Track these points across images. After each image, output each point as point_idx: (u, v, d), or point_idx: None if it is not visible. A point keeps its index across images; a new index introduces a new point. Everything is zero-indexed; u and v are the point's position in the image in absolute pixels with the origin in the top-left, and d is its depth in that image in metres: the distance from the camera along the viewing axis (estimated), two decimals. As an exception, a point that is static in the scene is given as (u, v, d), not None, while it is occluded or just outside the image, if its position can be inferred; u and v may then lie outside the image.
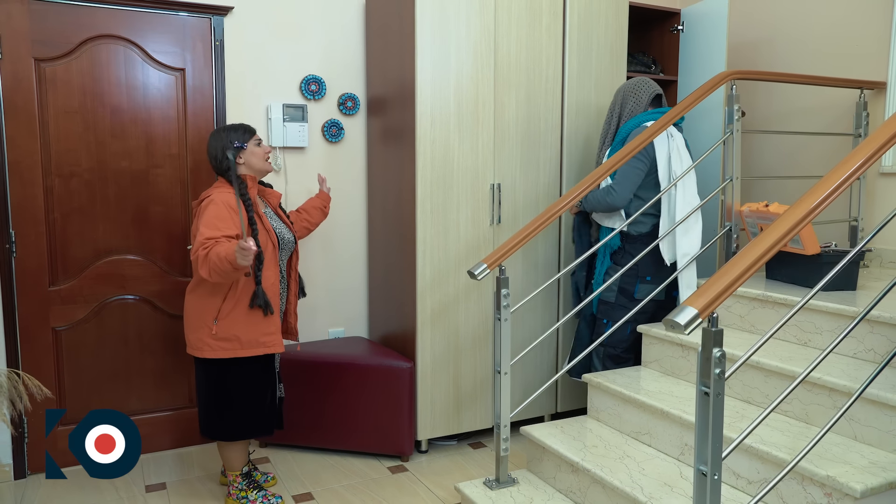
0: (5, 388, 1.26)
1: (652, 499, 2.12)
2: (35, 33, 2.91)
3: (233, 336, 2.54)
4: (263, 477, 2.94)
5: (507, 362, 2.54)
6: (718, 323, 1.65)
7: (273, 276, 2.62)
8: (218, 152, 2.63)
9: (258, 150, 2.68)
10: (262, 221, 2.61)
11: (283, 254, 2.74)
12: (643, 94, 3.06)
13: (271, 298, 2.60)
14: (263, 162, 2.69)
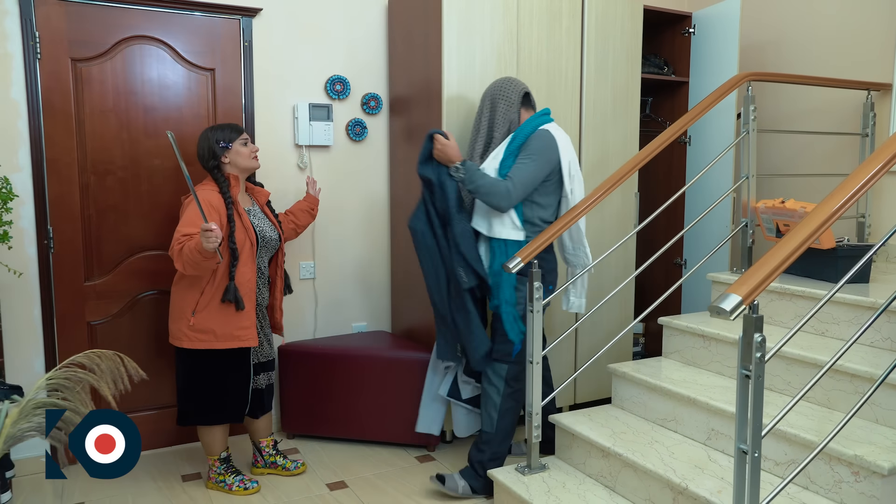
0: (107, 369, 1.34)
1: (686, 479, 2.23)
2: (72, 34, 2.98)
3: (209, 329, 2.68)
4: (294, 464, 3.03)
5: (538, 352, 2.64)
6: (758, 310, 1.76)
7: (249, 272, 2.73)
8: (205, 151, 2.77)
9: (244, 149, 2.80)
10: (241, 219, 2.72)
11: (264, 251, 2.86)
12: (513, 95, 2.84)
13: (246, 294, 2.71)
14: (249, 160, 2.82)
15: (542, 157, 2.73)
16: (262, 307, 2.92)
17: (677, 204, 4.00)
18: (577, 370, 3.54)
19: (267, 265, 2.92)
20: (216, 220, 2.63)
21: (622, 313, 3.72)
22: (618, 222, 3.67)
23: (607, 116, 3.59)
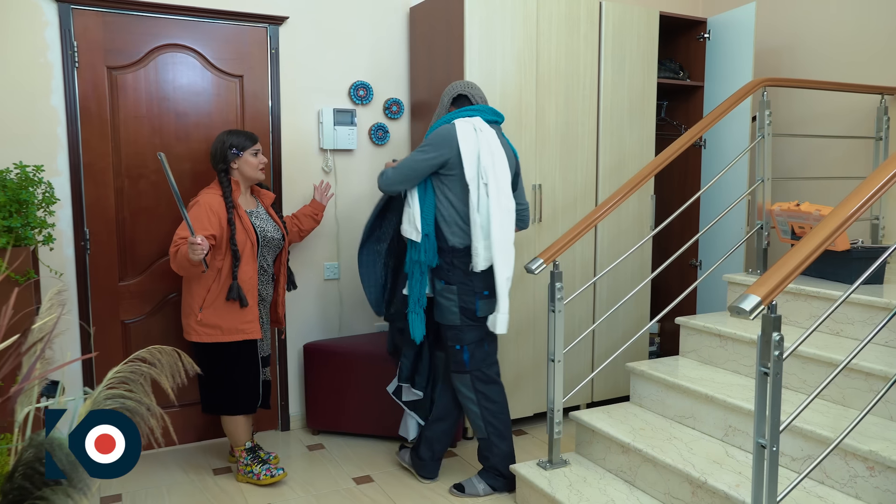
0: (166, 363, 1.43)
1: (704, 474, 2.31)
2: (108, 43, 3.08)
3: (215, 324, 2.84)
4: (267, 454, 3.10)
5: (560, 350, 2.73)
6: (776, 310, 1.84)
7: (250, 270, 2.87)
8: (217, 153, 2.91)
9: (253, 160, 2.93)
10: (242, 221, 2.86)
11: (267, 251, 2.98)
12: (446, 97, 2.82)
13: (248, 291, 2.86)
14: (255, 171, 2.94)
15: (432, 147, 2.66)
16: (266, 303, 3.05)
17: (692, 206, 4.07)
18: (594, 369, 3.62)
19: (271, 263, 3.05)
20: (216, 223, 2.78)
21: (638, 313, 3.80)
22: (634, 224, 3.74)
23: (624, 121, 3.67)
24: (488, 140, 2.66)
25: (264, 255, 2.98)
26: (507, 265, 2.66)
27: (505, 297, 2.66)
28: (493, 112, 2.79)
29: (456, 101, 2.82)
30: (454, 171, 2.67)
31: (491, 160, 2.64)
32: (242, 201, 2.95)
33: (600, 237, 3.66)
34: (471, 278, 2.71)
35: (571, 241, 2.74)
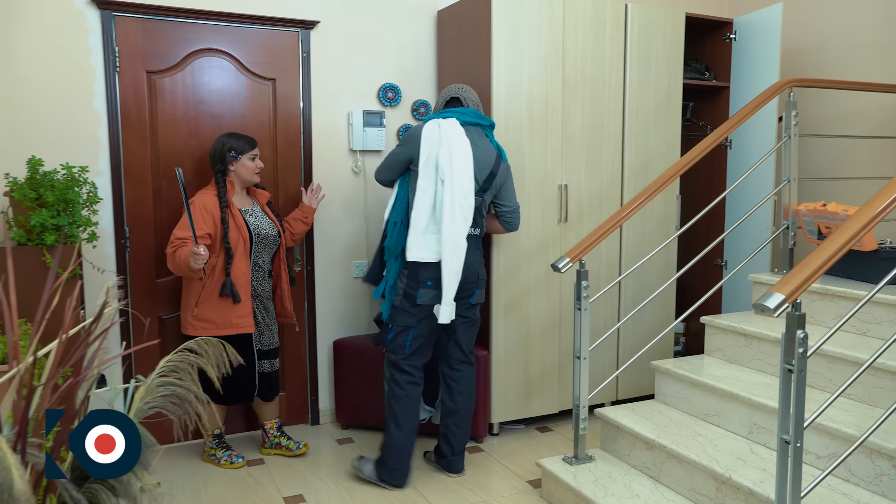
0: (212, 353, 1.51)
1: (729, 470, 2.34)
2: (148, 48, 3.20)
3: (209, 318, 2.97)
4: (297, 445, 3.27)
5: (586, 348, 2.77)
6: (801, 308, 1.87)
7: (243, 266, 3.00)
8: (216, 154, 3.03)
9: (250, 164, 3.06)
10: (235, 219, 2.98)
11: (261, 248, 3.10)
12: (440, 100, 3.01)
13: (241, 287, 2.98)
14: (251, 175, 3.08)
15: (403, 144, 2.90)
16: (263, 298, 3.15)
17: (718, 206, 4.07)
18: (619, 368, 3.65)
19: (267, 260, 3.16)
20: (210, 222, 2.92)
21: (663, 313, 3.83)
22: (659, 224, 3.77)
23: (649, 121, 3.70)
24: (450, 138, 2.77)
25: (259, 252, 3.09)
26: (455, 259, 2.77)
27: (449, 289, 2.77)
28: (476, 115, 2.91)
29: (449, 103, 2.98)
30: (414, 166, 2.86)
31: (448, 157, 2.76)
32: (238, 201, 3.07)
33: (625, 238, 3.69)
34: (420, 267, 2.83)
35: (597, 240, 2.79)
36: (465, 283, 2.87)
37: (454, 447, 3.04)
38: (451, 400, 3.01)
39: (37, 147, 3.00)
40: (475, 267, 2.90)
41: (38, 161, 2.61)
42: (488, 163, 2.88)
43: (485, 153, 2.88)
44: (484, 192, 2.90)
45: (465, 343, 3.00)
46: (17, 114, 2.99)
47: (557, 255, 3.49)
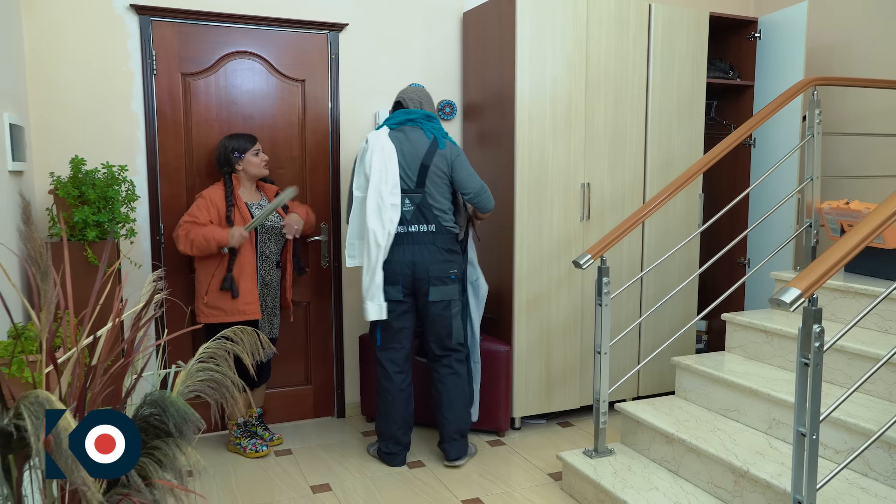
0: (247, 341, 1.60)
1: (747, 464, 2.38)
2: (183, 51, 3.32)
3: (218, 306, 3.08)
4: (271, 436, 3.40)
5: (606, 343, 2.82)
6: (817, 303, 1.90)
7: (249, 256, 3.12)
8: (221, 158, 3.17)
9: (255, 159, 3.18)
10: (241, 212, 3.11)
11: (268, 238, 3.21)
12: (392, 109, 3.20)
13: (248, 275, 3.10)
14: (259, 169, 3.20)
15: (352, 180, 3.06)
16: (271, 287, 3.25)
17: (741, 204, 4.09)
18: (640, 363, 3.69)
19: (274, 251, 3.25)
20: (214, 214, 3.07)
21: (685, 310, 3.85)
22: (682, 223, 3.80)
23: (672, 120, 3.73)
24: (373, 146, 2.97)
25: (265, 242, 3.19)
26: (370, 258, 2.94)
27: (367, 288, 2.95)
28: (404, 113, 3.06)
29: (394, 107, 3.16)
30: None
31: (370, 162, 2.95)
32: (245, 195, 3.19)
33: (647, 235, 3.73)
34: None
35: (619, 237, 2.84)
36: (417, 280, 3.01)
37: (443, 435, 3.17)
38: (436, 390, 3.16)
39: (78, 147, 3.14)
40: (426, 264, 2.99)
41: (80, 160, 2.74)
42: (416, 156, 3.00)
43: (413, 147, 3.01)
44: (423, 186, 3.00)
45: (434, 338, 3.10)
46: (60, 115, 3.12)
47: (579, 252, 3.54)
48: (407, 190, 2.99)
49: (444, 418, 3.13)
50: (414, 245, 2.99)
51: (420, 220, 3.00)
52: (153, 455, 1.20)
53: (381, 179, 2.93)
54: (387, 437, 3.13)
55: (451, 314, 3.09)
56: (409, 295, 3.03)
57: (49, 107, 3.10)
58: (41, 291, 1.14)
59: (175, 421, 1.17)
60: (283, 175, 3.57)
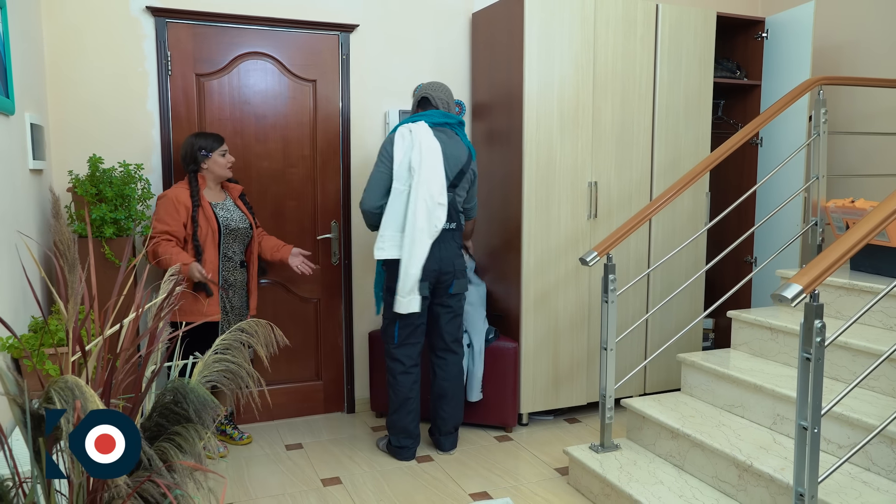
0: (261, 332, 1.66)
1: (750, 458, 2.41)
2: (197, 52, 3.38)
3: (181, 307, 3.01)
4: (240, 435, 3.40)
5: (612, 340, 2.86)
6: (819, 299, 1.94)
7: (212, 257, 3.08)
8: (187, 156, 3.11)
9: (221, 159, 3.14)
10: (205, 213, 3.06)
11: (232, 239, 3.16)
12: (413, 100, 3.21)
13: (211, 274, 3.05)
14: (224, 170, 3.16)
15: (380, 162, 3.03)
16: (235, 288, 3.21)
17: (748, 203, 4.12)
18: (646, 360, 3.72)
19: (238, 251, 3.21)
20: (183, 213, 3.00)
21: (692, 308, 3.89)
22: (689, 221, 3.83)
23: (679, 120, 3.76)
24: (420, 141, 2.97)
25: (228, 243, 3.15)
26: (416, 256, 2.95)
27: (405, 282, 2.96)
28: (443, 115, 3.09)
29: (420, 103, 3.16)
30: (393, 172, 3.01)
31: (419, 160, 2.95)
32: (210, 195, 3.15)
33: (654, 234, 3.76)
34: (396, 264, 3.02)
35: (624, 234, 2.88)
36: (443, 275, 3.08)
37: (440, 428, 3.25)
38: (437, 385, 3.22)
39: (95, 146, 3.21)
40: (451, 259, 3.09)
41: (98, 159, 2.81)
42: (459, 160, 3.08)
43: (455, 150, 3.07)
44: (455, 188, 3.08)
45: (447, 333, 3.18)
46: (78, 115, 3.20)
47: (587, 250, 3.57)
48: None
49: (443, 412, 3.21)
50: (441, 242, 3.06)
51: (449, 218, 3.08)
52: (174, 440, 1.25)
53: (433, 178, 2.96)
54: (398, 430, 3.17)
55: (462, 306, 3.21)
56: (431, 292, 3.11)
57: (67, 107, 3.18)
58: (69, 283, 1.19)
59: (195, 407, 1.22)
60: (295, 174, 3.63)
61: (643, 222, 2.94)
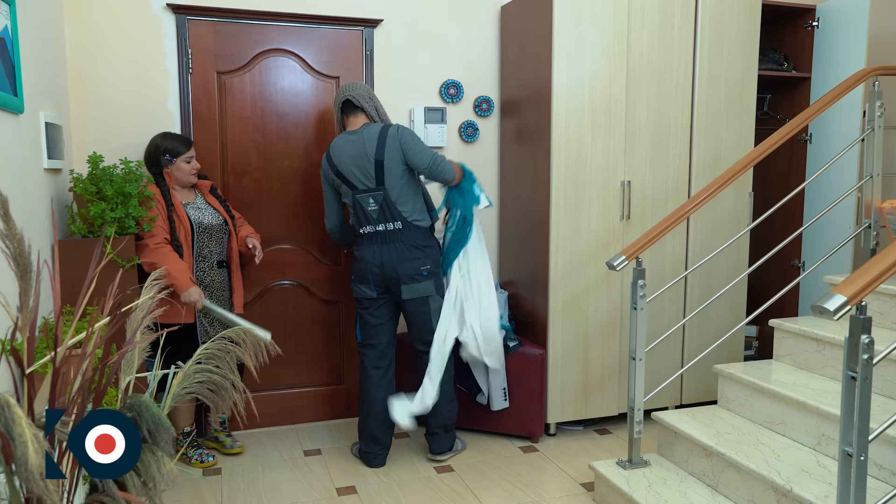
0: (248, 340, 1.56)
1: (791, 482, 2.21)
2: (218, 50, 3.33)
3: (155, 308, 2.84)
4: (232, 444, 3.26)
5: (641, 349, 2.69)
6: (866, 311, 1.74)
7: (186, 257, 2.94)
8: (151, 157, 2.98)
9: (185, 166, 3.00)
10: (178, 213, 2.94)
11: (206, 238, 3.03)
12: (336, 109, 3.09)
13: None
14: (187, 176, 3.02)
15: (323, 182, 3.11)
16: (212, 290, 3.06)
17: (796, 205, 3.86)
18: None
19: (215, 251, 3.06)
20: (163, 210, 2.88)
21: (733, 315, 3.66)
22: (730, 222, 3.61)
23: (720, 115, 3.54)
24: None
25: (202, 242, 3.02)
26: None
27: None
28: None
29: (343, 107, 3.04)
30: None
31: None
32: (181, 195, 3.04)
33: (692, 236, 3.55)
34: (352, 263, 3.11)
35: (656, 237, 2.70)
36: (387, 280, 2.99)
37: (428, 427, 3.17)
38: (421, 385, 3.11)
39: (116, 145, 3.18)
40: (394, 263, 2.97)
41: (98, 157, 2.77)
42: (368, 156, 2.94)
43: (363, 148, 2.94)
44: (382, 183, 2.94)
45: (415, 334, 3.11)
46: (99, 113, 3.18)
47: (618, 253, 3.39)
48: (367, 190, 2.96)
49: (428, 412, 3.10)
50: (383, 244, 2.97)
51: (384, 219, 2.97)
52: (134, 461, 1.16)
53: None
54: (364, 434, 3.11)
55: (430, 310, 3.05)
56: (383, 292, 3.04)
57: (89, 106, 3.16)
58: (22, 289, 1.11)
59: (149, 427, 1.13)
60: (316, 173, 3.54)
61: (676, 224, 2.75)
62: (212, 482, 2.99)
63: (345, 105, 3.03)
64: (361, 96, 3.01)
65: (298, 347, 3.62)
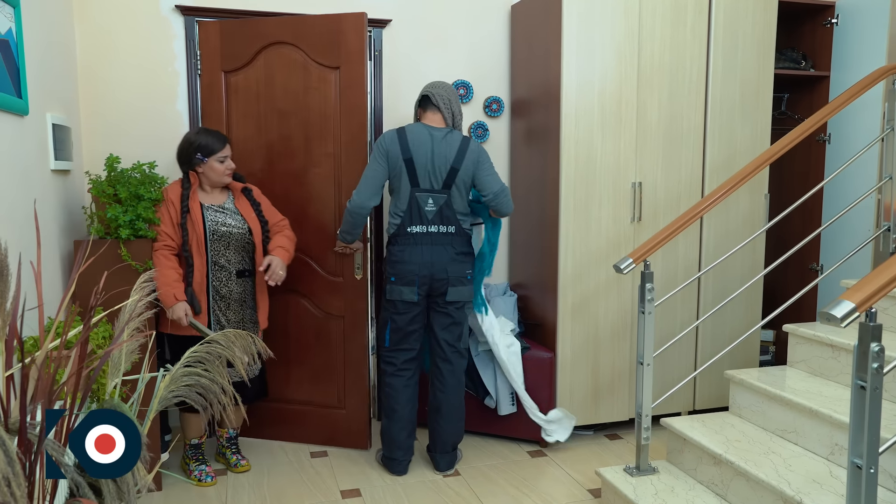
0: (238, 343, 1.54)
1: (800, 493, 2.14)
2: (224, 48, 3.32)
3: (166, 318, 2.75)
4: (237, 461, 3.09)
5: (649, 354, 2.63)
6: (876, 318, 1.68)
7: (200, 265, 2.79)
8: (183, 155, 2.85)
9: (219, 166, 2.84)
10: (193, 219, 2.78)
11: (222, 246, 2.84)
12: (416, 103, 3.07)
13: (198, 283, 2.78)
14: (220, 177, 2.86)
15: (372, 155, 2.96)
16: (230, 300, 2.89)
17: (814, 207, 3.77)
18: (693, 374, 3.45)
19: (236, 260, 2.88)
20: (174, 214, 2.76)
21: (747, 319, 3.58)
22: (744, 224, 3.53)
23: (735, 115, 3.47)
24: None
25: (219, 250, 2.84)
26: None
27: None
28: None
29: (421, 102, 3.01)
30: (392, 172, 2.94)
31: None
32: (207, 196, 2.88)
33: (706, 238, 3.48)
34: (388, 265, 2.98)
35: (665, 239, 2.64)
36: (435, 280, 2.93)
37: (435, 444, 3.08)
38: (433, 396, 3.06)
39: (125, 146, 3.20)
40: (444, 264, 2.91)
41: (115, 158, 2.78)
42: (447, 158, 2.88)
43: (444, 149, 2.89)
44: (448, 188, 2.90)
45: (443, 340, 3.01)
46: (109, 115, 3.20)
47: (629, 255, 3.33)
48: (430, 190, 2.92)
49: (440, 428, 3.04)
50: (434, 245, 2.92)
51: (440, 221, 2.93)
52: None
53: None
54: (387, 440, 3.04)
55: (464, 316, 3.03)
56: (423, 297, 2.96)
57: (99, 108, 3.19)
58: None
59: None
60: (318, 174, 3.49)
61: (687, 225, 2.69)
62: (216, 483, 2.99)
63: (423, 100, 3.00)
64: (441, 96, 2.96)
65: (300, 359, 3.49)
